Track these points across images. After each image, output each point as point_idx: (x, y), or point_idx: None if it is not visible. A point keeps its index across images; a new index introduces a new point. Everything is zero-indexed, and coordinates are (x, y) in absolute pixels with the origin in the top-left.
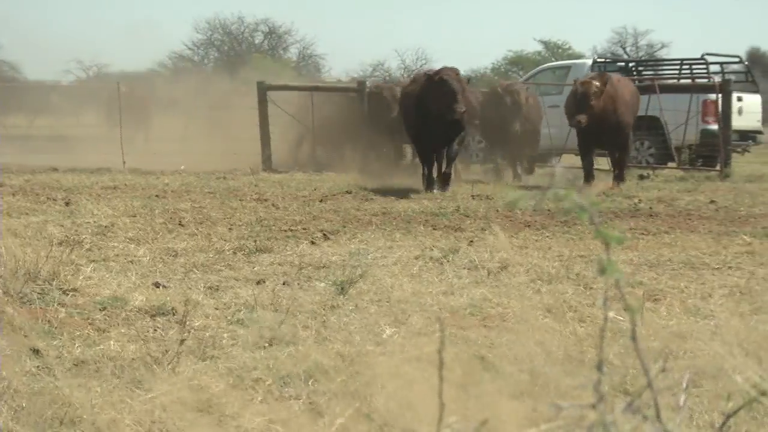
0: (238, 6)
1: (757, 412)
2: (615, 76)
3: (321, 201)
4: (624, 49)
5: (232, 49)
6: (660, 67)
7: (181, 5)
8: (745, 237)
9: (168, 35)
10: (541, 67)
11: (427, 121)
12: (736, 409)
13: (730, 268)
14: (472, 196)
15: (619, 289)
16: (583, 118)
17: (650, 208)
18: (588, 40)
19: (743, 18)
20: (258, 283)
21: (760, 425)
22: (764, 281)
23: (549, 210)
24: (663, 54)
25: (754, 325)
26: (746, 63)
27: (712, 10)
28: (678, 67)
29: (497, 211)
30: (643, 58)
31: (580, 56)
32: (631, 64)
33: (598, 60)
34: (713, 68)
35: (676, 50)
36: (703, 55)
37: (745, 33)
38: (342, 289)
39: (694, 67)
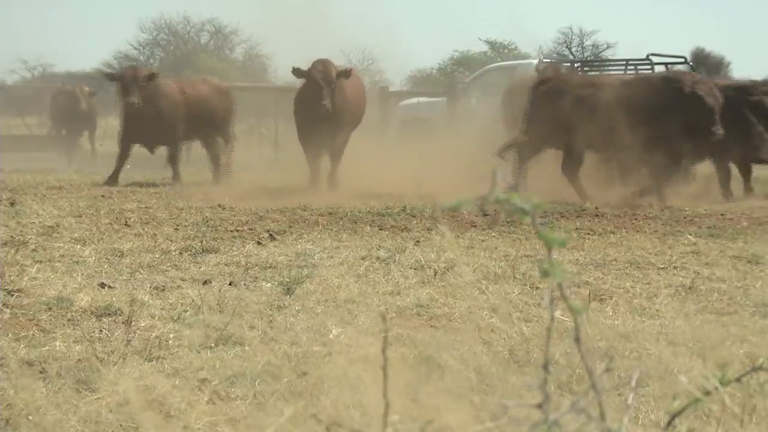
0: (184, 6)
1: (702, 411)
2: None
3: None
4: (569, 49)
5: (178, 49)
6: (605, 67)
7: (126, 5)
8: (690, 237)
9: (113, 35)
10: (487, 67)
11: (305, 119)
12: (681, 409)
13: (675, 267)
14: None
15: (562, 291)
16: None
17: (596, 208)
18: (534, 40)
19: (688, 19)
20: (204, 283)
21: (705, 424)
22: (709, 281)
23: (496, 211)
24: (608, 54)
25: (699, 325)
26: (691, 63)
27: (657, 11)
28: (623, 67)
29: (443, 211)
30: (588, 58)
31: (526, 56)
32: (576, 64)
33: (544, 60)
34: (658, 68)
35: (622, 51)
36: (648, 56)
37: (689, 34)
38: (288, 289)
39: (639, 67)
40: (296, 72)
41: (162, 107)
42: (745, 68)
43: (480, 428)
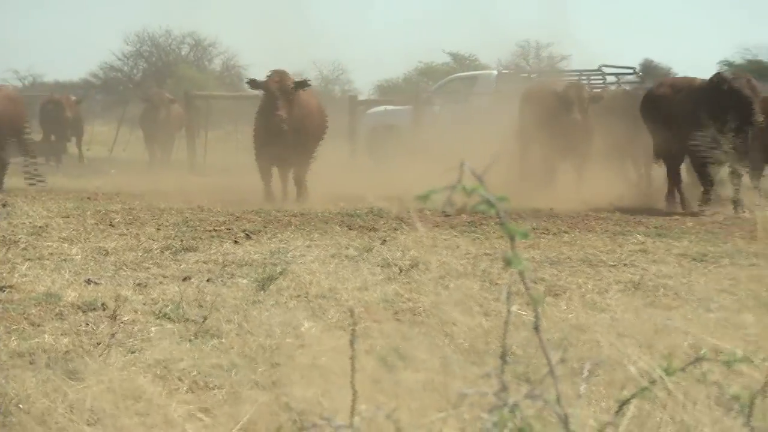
0: (166, 20)
1: (649, 399)
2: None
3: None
4: (527, 61)
5: (160, 60)
6: (560, 78)
7: (111, 19)
8: (638, 236)
9: (99, 47)
10: (449, 77)
11: (261, 130)
12: (629, 397)
13: (624, 265)
14: None
15: (524, 280)
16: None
17: (551, 209)
18: (494, 52)
19: (637, 32)
20: (184, 280)
21: (652, 411)
22: (656, 277)
23: (459, 210)
24: (563, 65)
25: (646, 318)
26: (640, 74)
27: (609, 25)
28: (577, 77)
29: (408, 212)
30: (544, 69)
31: (486, 67)
32: (533, 75)
33: (503, 71)
34: (609, 79)
35: (576, 62)
36: (599, 67)
37: (638, 46)
38: (263, 285)
39: (591, 77)
40: (252, 83)
41: None
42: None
43: (442, 415)
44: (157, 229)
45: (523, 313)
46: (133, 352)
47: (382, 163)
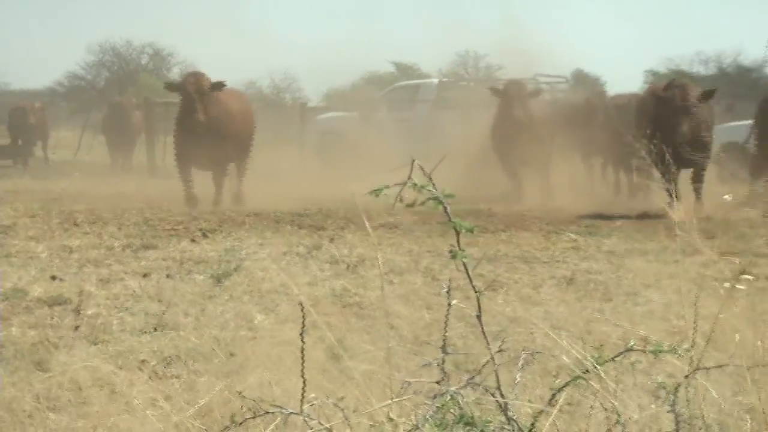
0: (127, 31)
1: (581, 387)
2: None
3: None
4: (466, 70)
5: (122, 69)
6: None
7: (75, 30)
8: (570, 234)
9: (64, 57)
10: (393, 85)
11: (179, 132)
12: (563, 385)
13: (557, 261)
14: None
15: (467, 271)
16: None
17: (489, 209)
18: (435, 62)
19: (569, 43)
20: (144, 276)
21: (584, 398)
22: (587, 273)
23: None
24: (500, 75)
25: (578, 311)
26: (572, 82)
27: (541, 37)
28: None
29: (356, 211)
30: (482, 78)
31: (427, 76)
32: (471, 83)
33: (444, 79)
34: (544, 87)
35: (512, 71)
36: (534, 75)
37: (570, 56)
38: (218, 281)
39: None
40: (168, 85)
41: None
42: (619, 87)
43: (387, 402)
44: (119, 228)
45: (463, 306)
46: (96, 344)
47: (331, 167)
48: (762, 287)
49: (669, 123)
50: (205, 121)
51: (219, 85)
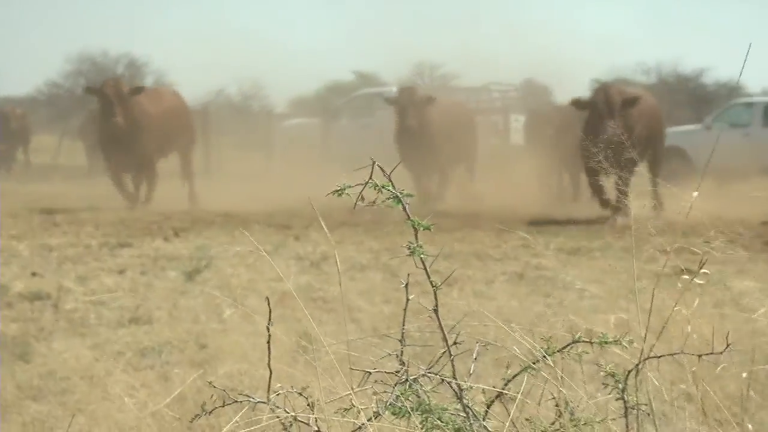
0: (104, 41)
1: (531, 376)
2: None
3: None
4: (422, 79)
5: (98, 78)
6: (453, 95)
7: (54, 40)
8: (521, 233)
9: (44, 65)
10: (355, 93)
11: (102, 136)
12: (514, 375)
13: (509, 258)
14: None
15: (424, 265)
16: None
17: (444, 209)
18: (394, 71)
19: (519, 54)
20: (120, 272)
21: (534, 387)
22: (536, 269)
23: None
24: (455, 83)
25: (528, 305)
26: (521, 91)
27: (496, 46)
28: (466, 93)
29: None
30: (438, 87)
31: (387, 84)
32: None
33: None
34: (495, 95)
35: (467, 80)
36: (487, 84)
37: (522, 65)
38: (190, 277)
39: (480, 94)
40: (87, 90)
41: None
42: (567, 96)
43: (349, 392)
44: (96, 227)
45: (419, 301)
46: (74, 337)
47: (296, 170)
48: (715, 282)
49: (595, 127)
50: (123, 124)
51: (137, 90)
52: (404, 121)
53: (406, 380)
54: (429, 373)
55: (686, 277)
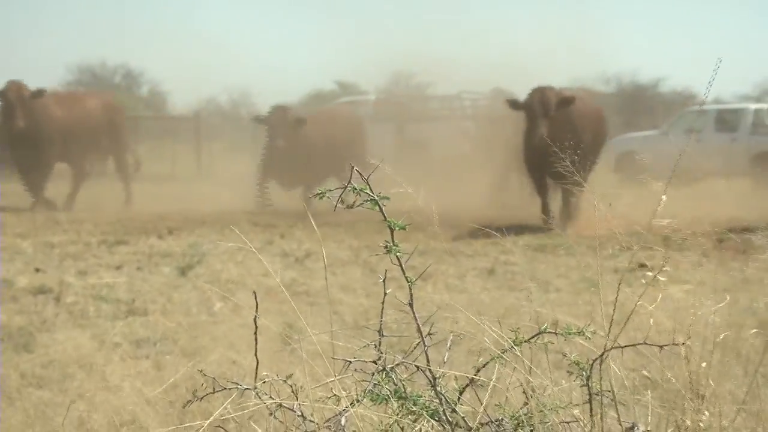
0: (102, 52)
1: (500, 364)
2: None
3: None
4: (398, 87)
5: (97, 87)
6: (427, 102)
7: (56, 53)
8: (491, 231)
9: (47, 76)
10: (336, 101)
11: (6, 141)
12: (484, 363)
13: (479, 255)
14: None
15: (400, 263)
16: None
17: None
18: (373, 80)
19: (487, 63)
20: (117, 268)
21: (502, 375)
22: (505, 265)
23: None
24: (429, 91)
25: (497, 298)
26: (490, 100)
27: (467, 54)
28: (441, 101)
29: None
30: (413, 95)
31: (366, 93)
32: (403, 99)
33: (379, 96)
34: (467, 103)
35: (442, 89)
36: (459, 93)
37: (493, 75)
38: (182, 272)
39: (453, 102)
40: None
41: None
42: None
43: (331, 379)
44: (95, 226)
45: (396, 295)
46: (74, 329)
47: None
48: (674, 278)
49: (530, 128)
50: (24, 127)
51: (39, 93)
52: (272, 141)
53: (384, 369)
54: (405, 361)
55: (650, 273)
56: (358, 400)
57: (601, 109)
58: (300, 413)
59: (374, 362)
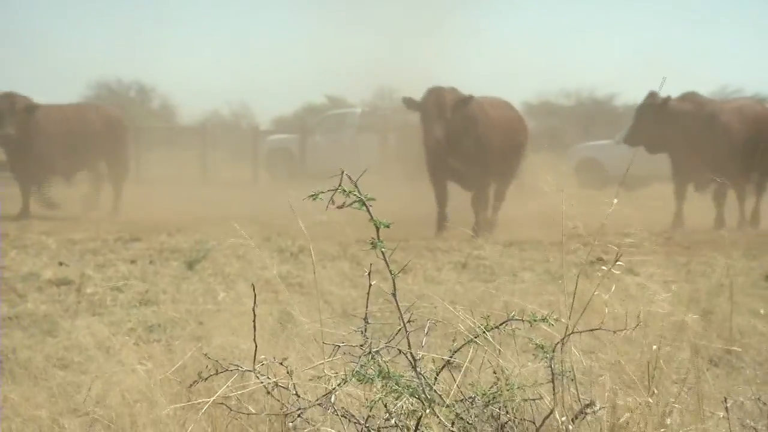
0: (118, 70)
1: (473, 348)
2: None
3: None
4: (383, 101)
5: (113, 101)
6: (409, 115)
7: (73, 70)
8: (462, 228)
9: (67, 91)
10: (326, 113)
11: None
12: (459, 347)
13: (454, 250)
14: None
15: (384, 257)
16: None
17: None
18: (360, 94)
19: (468, 77)
20: (132, 262)
21: (475, 357)
22: (478, 259)
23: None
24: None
25: (470, 288)
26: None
27: (442, 70)
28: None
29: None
30: (396, 108)
31: (353, 106)
32: (387, 112)
33: (365, 109)
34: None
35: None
36: None
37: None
38: (190, 266)
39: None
40: None
41: None
42: None
43: (322, 362)
44: (112, 224)
45: (381, 286)
46: (94, 316)
47: (278, 178)
48: (627, 272)
49: (424, 131)
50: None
51: (31, 108)
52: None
53: (370, 352)
54: (388, 345)
55: (605, 267)
56: (346, 380)
57: (521, 119)
58: (294, 392)
59: (360, 346)
